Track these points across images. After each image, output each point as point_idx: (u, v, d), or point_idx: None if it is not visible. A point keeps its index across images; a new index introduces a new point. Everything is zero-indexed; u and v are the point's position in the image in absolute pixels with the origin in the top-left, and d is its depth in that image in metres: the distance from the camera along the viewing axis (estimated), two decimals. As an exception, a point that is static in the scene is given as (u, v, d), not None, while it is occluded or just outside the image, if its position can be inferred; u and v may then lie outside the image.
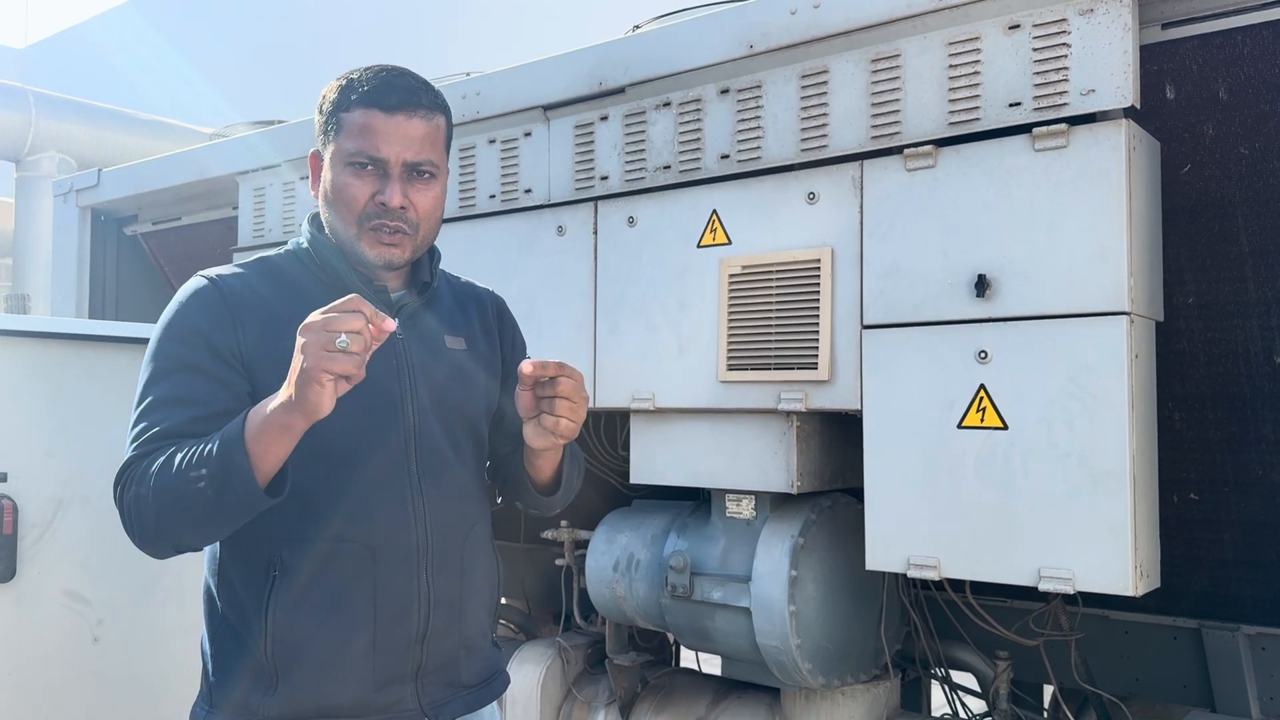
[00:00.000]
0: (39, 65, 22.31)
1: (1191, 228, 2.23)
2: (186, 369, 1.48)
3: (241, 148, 3.86)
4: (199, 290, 1.54)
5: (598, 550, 2.88)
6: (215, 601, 1.57)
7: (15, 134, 7.79)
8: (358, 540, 1.52)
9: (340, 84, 1.59)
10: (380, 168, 1.54)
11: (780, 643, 2.46)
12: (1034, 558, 2.07)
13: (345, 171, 1.55)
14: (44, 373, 2.95)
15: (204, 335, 1.49)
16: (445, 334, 1.69)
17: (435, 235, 1.65)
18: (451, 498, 1.61)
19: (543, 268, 2.91)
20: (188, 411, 1.46)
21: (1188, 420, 2.33)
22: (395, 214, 1.54)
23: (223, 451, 1.34)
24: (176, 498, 1.37)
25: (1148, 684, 2.65)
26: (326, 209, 1.60)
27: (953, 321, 2.19)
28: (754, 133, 2.52)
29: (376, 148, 1.53)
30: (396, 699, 1.55)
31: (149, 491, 1.39)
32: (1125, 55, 2.01)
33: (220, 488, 1.34)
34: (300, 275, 1.61)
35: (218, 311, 1.51)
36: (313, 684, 1.50)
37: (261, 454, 1.34)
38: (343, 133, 1.55)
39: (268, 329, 1.52)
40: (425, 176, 1.58)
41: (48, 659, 2.91)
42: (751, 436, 2.52)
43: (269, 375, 1.48)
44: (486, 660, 1.71)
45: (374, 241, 1.56)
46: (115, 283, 4.79)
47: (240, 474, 1.34)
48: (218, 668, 1.55)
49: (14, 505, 2.83)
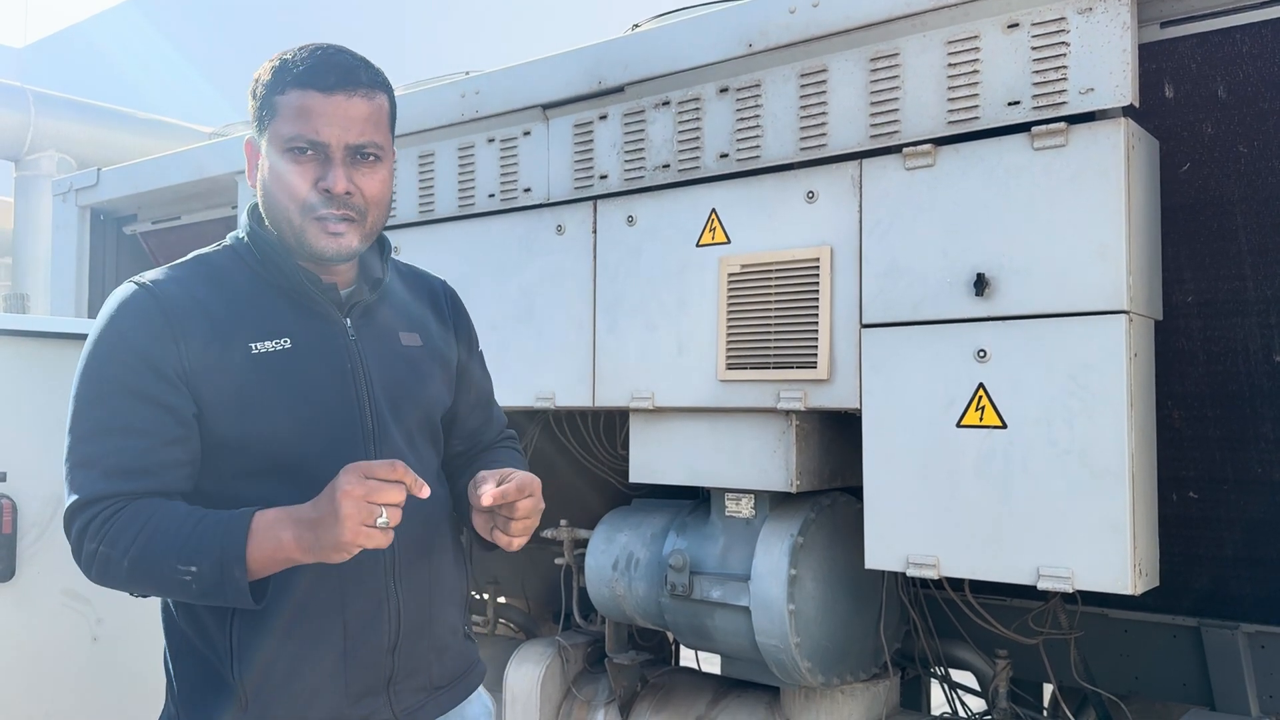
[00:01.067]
0: (38, 64, 22.30)
1: (1190, 226, 2.23)
2: (127, 394, 1.38)
3: (240, 146, 3.85)
4: (133, 301, 1.43)
5: (597, 549, 2.88)
6: (174, 618, 1.51)
7: (14, 133, 7.79)
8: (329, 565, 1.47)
9: (273, 65, 1.49)
10: (321, 152, 1.45)
11: (780, 641, 2.47)
12: (1033, 556, 2.07)
13: (284, 158, 1.45)
14: (43, 372, 2.94)
15: (142, 354, 1.39)
16: (400, 330, 1.62)
17: (384, 221, 1.55)
18: (414, 501, 1.47)
19: (542, 267, 2.91)
20: (131, 442, 1.37)
21: (1187, 418, 2.33)
22: (341, 200, 1.45)
23: (221, 561, 1.31)
24: (158, 579, 1.34)
25: (1147, 682, 2.65)
26: (265, 200, 1.49)
27: (952, 320, 2.19)
28: (753, 132, 2.52)
29: (316, 131, 1.43)
30: (370, 711, 1.52)
31: (125, 559, 1.34)
32: (1124, 54, 2.01)
33: (208, 590, 1.33)
34: (241, 274, 1.51)
35: (156, 326, 1.40)
36: (285, 702, 1.45)
37: (256, 570, 1.34)
38: (279, 117, 1.45)
39: (211, 340, 1.42)
40: (370, 159, 1.48)
41: (47, 658, 2.91)
42: (751, 435, 2.52)
43: (213, 389, 1.41)
44: (459, 656, 1.66)
45: (320, 232, 1.46)
46: (115, 282, 4.78)
47: (235, 589, 1.32)
48: (183, 689, 1.50)
49: (13, 505, 2.83)
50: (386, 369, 1.56)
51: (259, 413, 1.43)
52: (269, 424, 1.43)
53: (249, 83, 1.53)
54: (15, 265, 8.11)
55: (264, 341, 1.45)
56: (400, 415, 1.57)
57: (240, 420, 1.42)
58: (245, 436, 1.43)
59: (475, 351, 1.79)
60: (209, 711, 1.46)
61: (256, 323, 1.46)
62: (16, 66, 22.35)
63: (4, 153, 7.90)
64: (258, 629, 1.44)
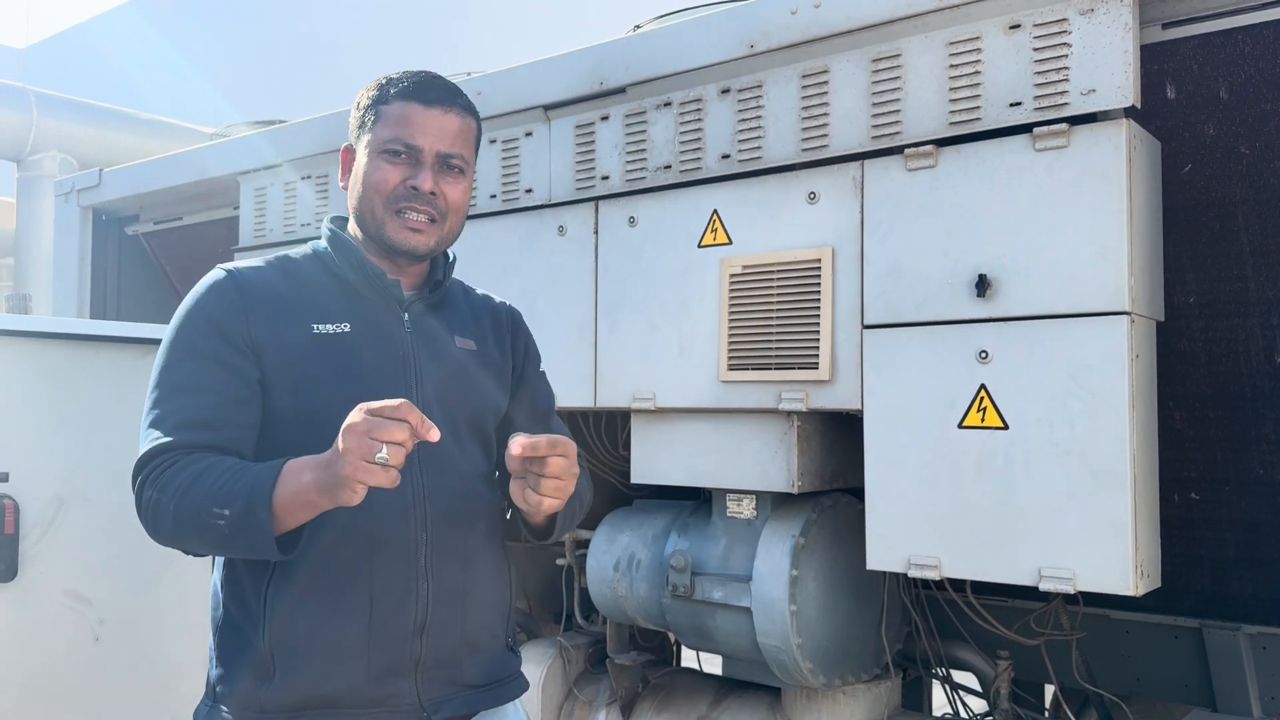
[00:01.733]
0: (40, 65, 22.31)
1: (1192, 227, 2.23)
2: (200, 356, 1.52)
3: (242, 148, 3.86)
4: (216, 282, 1.58)
5: (599, 550, 2.89)
6: (219, 597, 1.59)
7: (17, 134, 7.79)
8: (358, 529, 1.52)
9: (379, 82, 1.65)
10: (414, 155, 1.59)
11: (781, 642, 2.47)
12: (1035, 557, 2.07)
13: (379, 158, 1.59)
14: (45, 373, 2.95)
15: (216, 324, 1.53)
16: (455, 334, 1.70)
17: (459, 231, 1.68)
18: (454, 492, 1.60)
19: (544, 267, 2.91)
20: (200, 399, 1.49)
21: (1188, 419, 2.33)
22: (425, 198, 1.58)
23: (249, 503, 1.38)
24: (195, 523, 1.42)
25: (1149, 683, 2.65)
26: (355, 198, 1.63)
27: (953, 321, 2.19)
28: (755, 132, 2.52)
29: (412, 136, 1.58)
30: (394, 692, 1.54)
31: (170, 504, 1.43)
32: (1126, 55, 2.01)
33: (236, 533, 1.39)
34: (315, 270, 1.64)
35: (231, 301, 1.55)
36: (308, 673, 1.50)
37: (282, 515, 1.40)
38: (380, 123, 1.60)
39: (277, 317, 1.55)
40: (455, 170, 1.62)
41: (49, 658, 2.91)
42: (752, 436, 2.52)
43: (276, 360, 1.53)
44: (496, 661, 1.68)
45: (401, 227, 1.59)
46: (116, 282, 4.79)
47: (259, 529, 1.38)
48: (220, 661, 1.57)
49: (15, 505, 2.83)
50: (437, 364, 1.64)
51: (312, 388, 1.53)
52: (321, 399, 1.52)
53: (355, 98, 1.68)
54: (17, 266, 8.11)
55: (325, 324, 1.57)
56: (447, 410, 1.62)
57: (295, 394, 1.53)
58: (297, 410, 1.53)
59: (537, 368, 1.87)
60: (242, 681, 1.53)
61: (321, 307, 1.59)
62: (18, 67, 22.36)
63: (6, 153, 7.91)
64: (288, 596, 1.51)
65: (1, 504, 2.79)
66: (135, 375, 3.14)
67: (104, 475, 3.05)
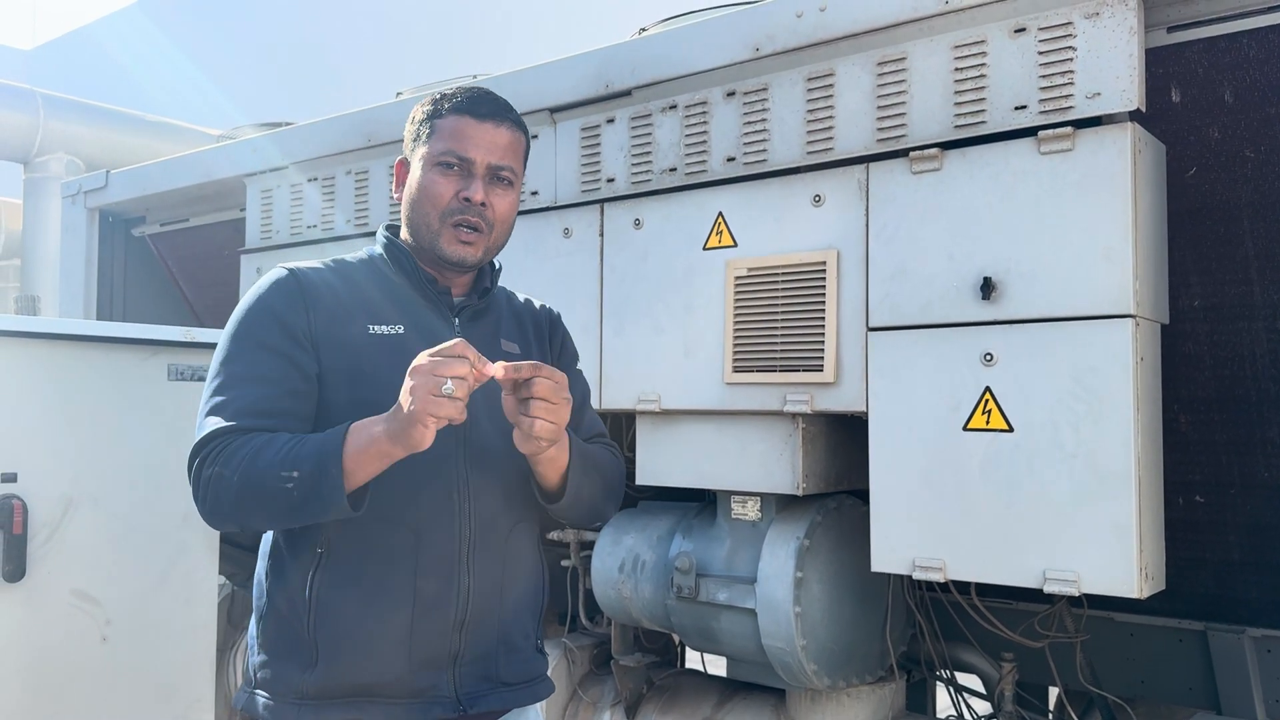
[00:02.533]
0: (46, 66, 22.37)
1: (1197, 230, 2.24)
2: (260, 348, 1.57)
3: (249, 150, 3.87)
4: (279, 279, 1.64)
5: (603, 551, 2.89)
6: (264, 587, 1.64)
7: (23, 135, 7.80)
8: (402, 523, 1.57)
9: (435, 97, 1.71)
10: (466, 168, 1.64)
11: (785, 644, 2.47)
12: (1039, 560, 2.07)
13: (433, 170, 1.65)
14: (53, 374, 2.96)
15: (278, 317, 1.59)
16: (501, 337, 1.76)
17: (505, 241, 1.73)
18: (497, 491, 1.65)
19: (549, 270, 2.92)
20: (260, 389, 1.54)
21: (1193, 422, 2.33)
22: (476, 210, 1.64)
23: (319, 461, 1.44)
24: (261, 490, 1.46)
25: (1153, 686, 2.65)
26: (409, 208, 1.68)
27: (958, 324, 2.19)
28: (760, 135, 2.53)
29: (465, 149, 1.64)
30: (432, 684, 1.58)
31: (235, 475, 1.47)
32: (1131, 58, 2.02)
33: (307, 494, 1.44)
34: (370, 274, 1.70)
35: (293, 296, 1.61)
36: (350, 661, 1.54)
37: (353, 470, 1.45)
38: (434, 136, 1.66)
39: (335, 316, 1.61)
40: (505, 182, 1.68)
41: (57, 658, 2.92)
42: (757, 438, 2.53)
43: (333, 358, 1.59)
44: (528, 662, 1.73)
45: (452, 239, 1.64)
46: (123, 284, 4.81)
47: (331, 486, 1.43)
48: (263, 648, 1.62)
49: (24, 505, 2.84)
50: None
51: (368, 384, 1.58)
52: (375, 395, 1.55)
53: (410, 112, 1.73)
54: (24, 267, 8.13)
55: (381, 325, 1.63)
56: (493, 410, 1.64)
57: (352, 389, 1.59)
58: (354, 404, 1.56)
59: (574, 365, 1.91)
60: (284, 667, 1.57)
61: (377, 310, 1.65)
62: (24, 68, 22.42)
63: (13, 155, 7.93)
64: (333, 585, 1.55)
65: (10, 504, 2.81)
66: (142, 376, 3.15)
67: (112, 476, 3.06)
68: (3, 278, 10.77)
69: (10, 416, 2.87)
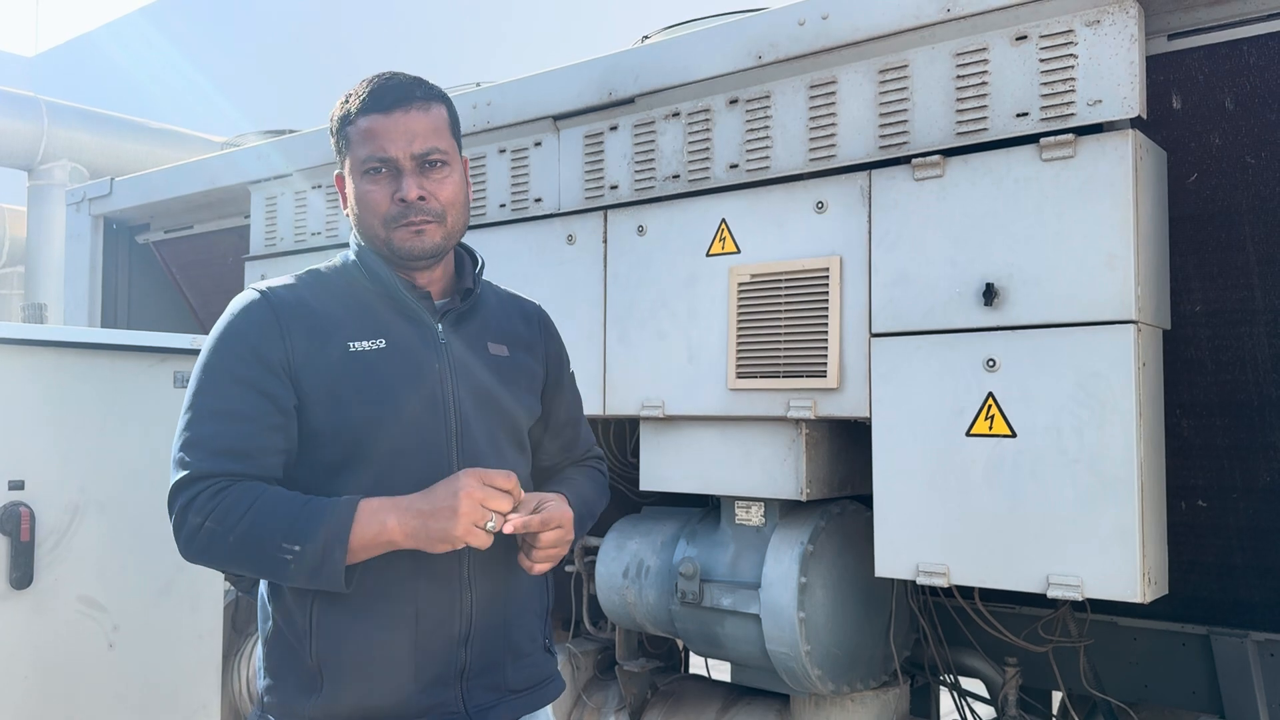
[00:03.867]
0: (49, 73, 22.42)
1: (1198, 236, 2.25)
2: (235, 382, 1.52)
3: (253, 157, 3.89)
4: (250, 305, 1.58)
5: (607, 557, 2.90)
6: (268, 610, 1.61)
7: (28, 143, 7.84)
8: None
9: (341, 102, 1.65)
10: (392, 167, 1.58)
11: (790, 649, 2.48)
12: (1042, 564, 2.08)
13: (363, 180, 1.60)
14: (59, 382, 2.97)
15: (252, 347, 1.53)
16: (488, 340, 1.71)
17: (465, 221, 1.67)
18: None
19: (553, 277, 2.93)
20: (235, 426, 1.50)
21: (1195, 427, 2.34)
22: (416, 207, 1.58)
23: (325, 542, 1.43)
24: (257, 555, 1.45)
25: (1156, 690, 2.66)
26: (356, 222, 1.64)
27: (961, 330, 2.20)
28: (763, 142, 2.54)
29: (383, 149, 1.57)
30: (440, 701, 1.56)
31: (231, 536, 1.44)
32: (1132, 66, 2.03)
33: (306, 570, 1.44)
34: (347, 285, 1.65)
35: (266, 324, 1.55)
36: (355, 685, 1.52)
37: (357, 552, 1.45)
38: (352, 144, 1.61)
39: (313, 337, 1.56)
40: (438, 165, 1.60)
41: (64, 665, 2.93)
42: (761, 444, 2.54)
43: (312, 381, 1.54)
44: (536, 665, 1.71)
45: (406, 234, 1.59)
46: (128, 291, 4.82)
47: (332, 569, 1.43)
48: (269, 672, 1.59)
49: (31, 512, 2.85)
50: (472, 375, 1.66)
51: (351, 405, 1.54)
52: (359, 415, 1.54)
53: (327, 112, 1.70)
54: (28, 274, 8.16)
55: (361, 341, 1.58)
56: (484, 417, 1.64)
57: (333, 411, 1.54)
58: (337, 427, 1.54)
59: (565, 372, 1.88)
60: (290, 695, 1.55)
61: (356, 324, 1.59)
62: (27, 76, 22.48)
63: (17, 162, 7.95)
64: (335, 611, 1.53)
65: (17, 511, 2.82)
66: (148, 383, 3.16)
67: (118, 483, 3.07)
68: (6, 285, 10.80)
69: (17, 424, 2.88)
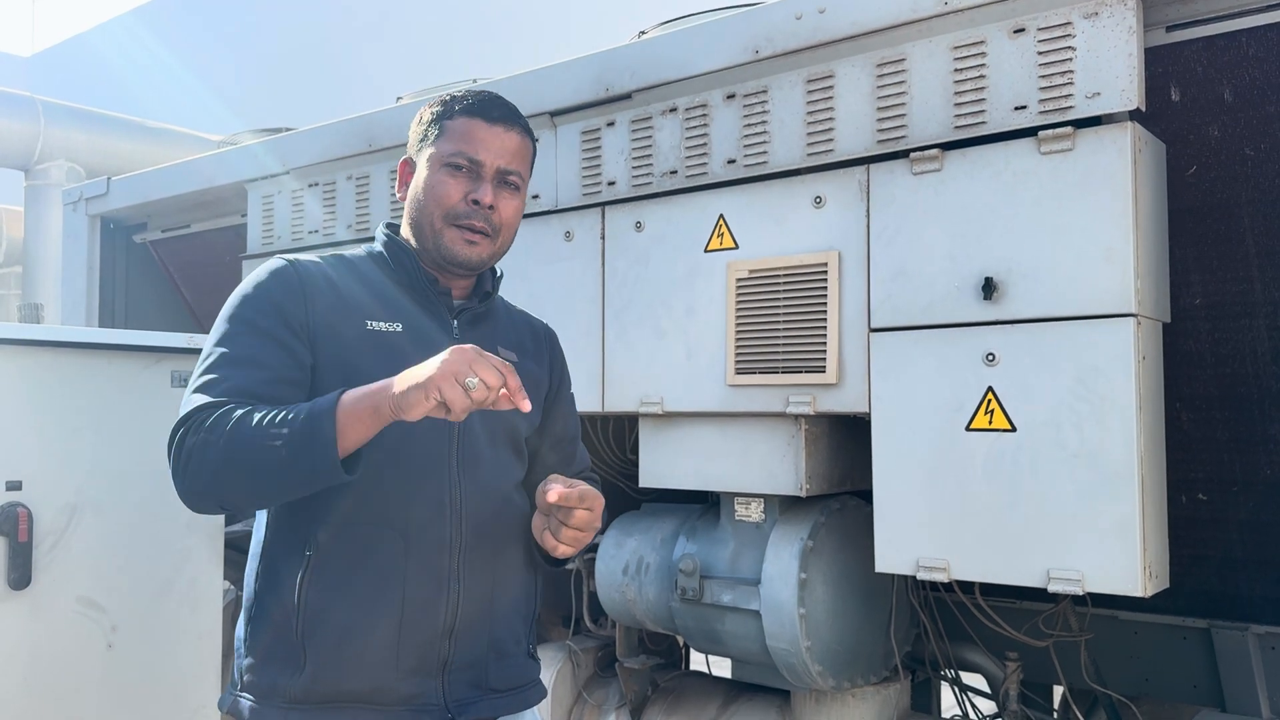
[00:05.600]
0: (45, 73, 22.38)
1: (1198, 229, 2.24)
2: (258, 333, 1.54)
3: (249, 156, 3.88)
4: (278, 269, 1.62)
5: (607, 554, 2.90)
6: (253, 588, 1.61)
7: (24, 143, 7.83)
8: (393, 527, 1.55)
9: (445, 98, 1.69)
10: (475, 170, 1.63)
11: (790, 645, 2.47)
12: (1043, 559, 2.08)
13: (441, 171, 1.64)
14: (56, 381, 2.96)
15: (277, 305, 1.56)
16: (499, 345, 1.73)
17: (509, 246, 1.72)
18: (488, 497, 1.63)
19: (550, 273, 2.92)
20: (253, 372, 1.50)
21: (1195, 421, 2.34)
22: (483, 213, 1.62)
23: (310, 418, 1.38)
24: (246, 452, 1.39)
25: (1157, 684, 2.66)
26: (414, 208, 1.67)
27: (960, 324, 2.20)
28: (760, 137, 2.54)
29: (475, 150, 1.63)
30: (420, 691, 1.57)
31: (219, 440, 1.40)
32: (1130, 58, 2.02)
33: (296, 452, 1.37)
34: (371, 271, 1.68)
35: (292, 286, 1.58)
36: (338, 666, 1.52)
37: (344, 426, 1.38)
38: (443, 137, 1.65)
39: (333, 310, 1.59)
40: (512, 187, 1.67)
41: (62, 665, 2.93)
42: (760, 440, 2.53)
43: (327, 351, 1.56)
44: (519, 668, 1.71)
45: (457, 239, 1.63)
46: (125, 290, 4.81)
47: (323, 441, 1.37)
48: (250, 650, 1.58)
49: (29, 513, 2.84)
50: None
51: (363, 379, 1.51)
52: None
53: (417, 114, 1.72)
54: (25, 274, 8.15)
55: (378, 322, 1.61)
56: (487, 418, 1.65)
57: (344, 383, 1.51)
58: None
59: (567, 389, 1.89)
60: (271, 671, 1.55)
61: (376, 306, 1.62)
62: (23, 75, 22.44)
63: (14, 162, 7.94)
64: (322, 588, 1.53)
65: (15, 512, 2.81)
66: (145, 383, 3.15)
67: (116, 483, 3.06)
68: (4, 285, 10.78)
69: (14, 425, 2.87)
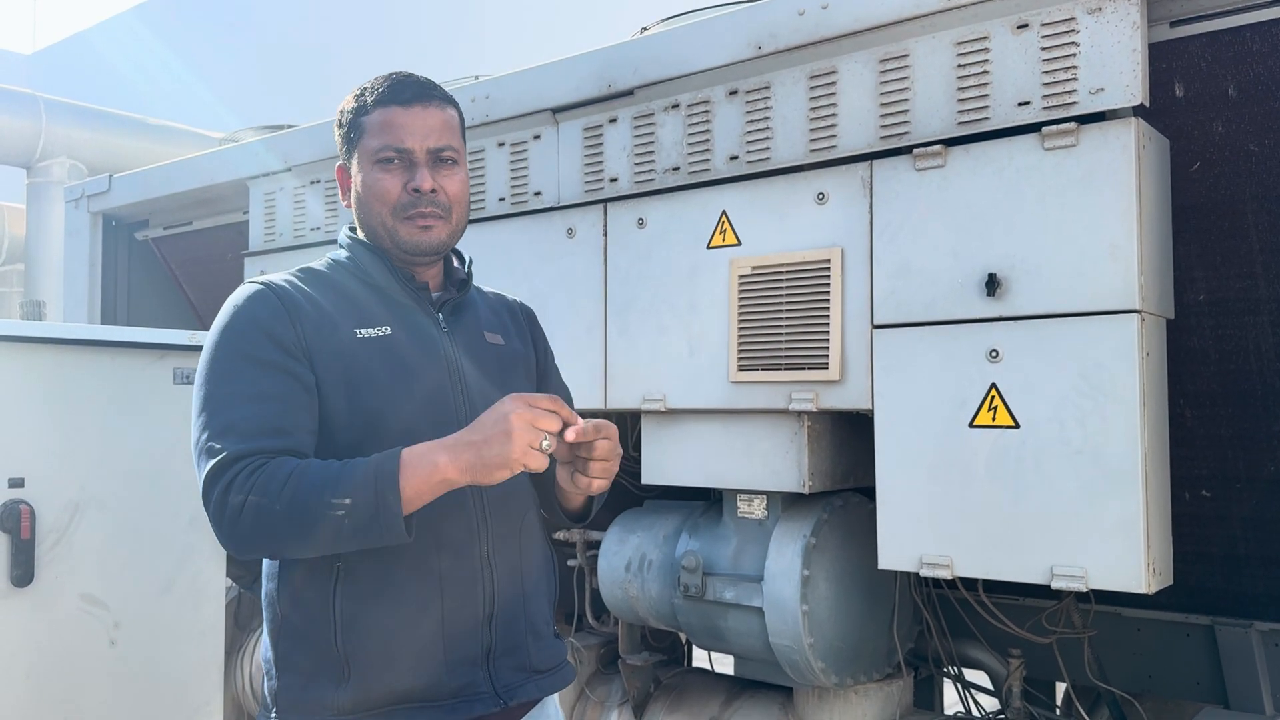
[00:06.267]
0: (46, 71, 22.39)
1: (1201, 225, 2.23)
2: (257, 365, 1.50)
3: (251, 153, 3.88)
4: (255, 293, 1.58)
5: (610, 551, 2.89)
6: (276, 606, 1.58)
7: (26, 140, 7.83)
8: (421, 524, 1.52)
9: (355, 94, 1.67)
10: (406, 158, 1.61)
11: (793, 642, 2.47)
12: (1046, 556, 2.08)
13: (374, 169, 1.62)
14: (59, 379, 2.97)
15: (267, 330, 1.52)
16: (484, 330, 1.74)
17: (466, 220, 1.70)
18: (502, 485, 1.61)
19: (553, 270, 2.92)
20: (270, 406, 1.48)
21: (1199, 417, 2.33)
22: (428, 198, 1.61)
23: (376, 489, 1.38)
24: (306, 518, 1.39)
25: (1160, 681, 2.66)
26: (361, 211, 1.65)
27: (964, 320, 2.19)
28: (763, 134, 2.53)
29: (401, 140, 1.60)
30: (469, 681, 1.57)
31: (276, 502, 1.39)
32: (1134, 53, 2.02)
33: (361, 523, 1.39)
34: (342, 279, 1.65)
35: (275, 310, 1.55)
36: (385, 670, 1.51)
37: (411, 499, 1.41)
38: (366, 134, 1.63)
39: (320, 324, 1.56)
40: (449, 162, 1.64)
41: (65, 662, 2.93)
42: (763, 436, 2.53)
43: (327, 365, 1.54)
44: (553, 648, 1.73)
45: (412, 228, 1.61)
46: (127, 288, 4.82)
47: (389, 516, 1.39)
48: (283, 670, 1.56)
49: (31, 510, 2.85)
50: (475, 361, 1.68)
51: (367, 389, 1.55)
52: (375, 399, 1.55)
53: (335, 116, 1.70)
54: (28, 271, 8.16)
55: (367, 328, 1.59)
56: (489, 401, 1.62)
57: (350, 396, 1.54)
58: (353, 411, 1.54)
59: (551, 363, 1.90)
60: (315, 688, 1.52)
61: (359, 313, 1.61)
62: (25, 73, 22.44)
63: (16, 159, 7.95)
64: (357, 596, 1.52)
65: (17, 509, 2.81)
66: (148, 380, 3.16)
67: (118, 480, 3.06)
68: (6, 283, 10.79)
69: (17, 422, 2.87)
